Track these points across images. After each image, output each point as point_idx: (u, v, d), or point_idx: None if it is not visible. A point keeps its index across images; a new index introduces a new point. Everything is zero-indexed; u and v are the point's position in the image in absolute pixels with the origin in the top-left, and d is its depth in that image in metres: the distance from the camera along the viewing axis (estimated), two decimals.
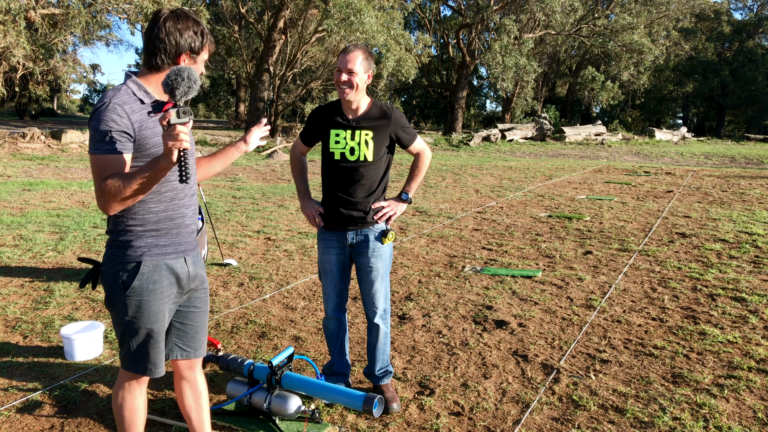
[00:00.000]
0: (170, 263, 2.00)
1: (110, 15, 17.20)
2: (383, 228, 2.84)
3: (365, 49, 2.70)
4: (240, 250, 6.06)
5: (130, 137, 1.83)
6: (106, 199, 1.81)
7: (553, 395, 3.06)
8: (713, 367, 3.41)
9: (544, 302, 4.55)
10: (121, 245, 1.96)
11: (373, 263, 2.82)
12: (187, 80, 1.70)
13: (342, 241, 2.83)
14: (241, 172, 13.52)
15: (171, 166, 1.73)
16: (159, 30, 1.90)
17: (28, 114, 34.11)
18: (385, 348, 2.97)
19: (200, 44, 1.97)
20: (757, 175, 15.00)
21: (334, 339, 3.00)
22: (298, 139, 2.98)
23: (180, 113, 1.69)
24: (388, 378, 3.01)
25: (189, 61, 1.96)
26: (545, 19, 28.67)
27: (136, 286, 1.95)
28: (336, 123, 2.75)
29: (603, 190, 11.32)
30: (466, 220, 7.99)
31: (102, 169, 1.81)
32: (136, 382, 2.10)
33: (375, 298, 2.87)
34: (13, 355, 3.43)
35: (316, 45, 23.24)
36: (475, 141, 24.59)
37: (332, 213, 2.81)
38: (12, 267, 5.23)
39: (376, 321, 2.91)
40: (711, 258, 5.95)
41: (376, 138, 2.74)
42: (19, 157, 14.58)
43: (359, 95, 2.70)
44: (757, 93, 39.54)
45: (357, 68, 2.64)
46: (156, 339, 2.02)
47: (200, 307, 2.19)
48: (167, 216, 1.99)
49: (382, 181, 2.83)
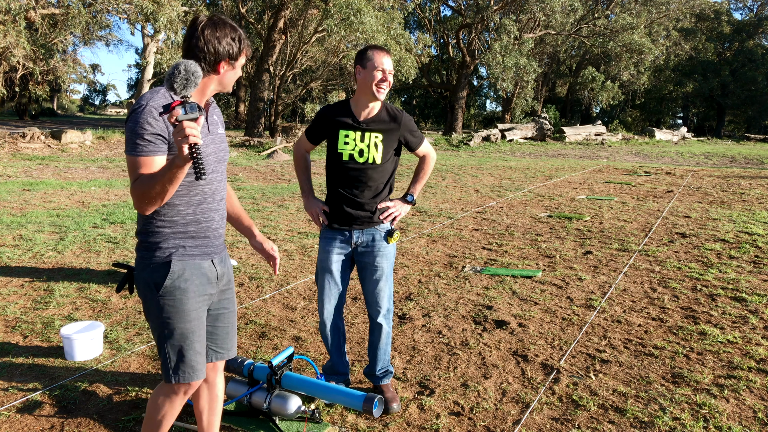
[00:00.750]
0: (200, 263, 2.02)
1: (110, 15, 17.21)
2: (388, 228, 2.85)
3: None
4: (240, 250, 6.07)
5: (164, 139, 1.85)
6: (136, 199, 1.84)
7: (553, 395, 3.06)
8: (713, 367, 3.41)
9: (544, 302, 4.55)
10: (149, 247, 1.97)
11: (379, 262, 2.83)
12: (184, 72, 1.68)
13: (346, 240, 2.82)
14: (241, 172, 13.52)
15: (185, 163, 1.72)
16: (198, 39, 1.92)
17: (28, 114, 34.10)
18: (387, 348, 2.97)
19: (238, 50, 1.98)
20: (757, 175, 15.00)
21: (331, 340, 2.99)
22: (303, 136, 2.95)
23: (187, 109, 1.68)
24: (389, 378, 3.02)
25: (228, 67, 1.97)
26: (545, 19, 28.68)
27: (168, 285, 1.95)
28: (346, 124, 2.74)
29: (603, 190, 11.32)
30: (466, 220, 7.99)
31: (134, 170, 1.84)
32: (180, 395, 2.05)
33: (379, 297, 2.87)
34: (13, 355, 3.43)
35: (316, 45, 23.25)
36: (475, 141, 24.59)
37: (338, 212, 2.80)
38: (12, 267, 5.23)
39: (379, 320, 2.90)
40: (711, 258, 5.95)
41: (385, 141, 2.74)
42: (19, 157, 14.58)
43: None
44: (757, 93, 39.54)
45: (393, 69, 2.69)
46: (192, 339, 2.00)
47: (229, 307, 2.20)
48: (195, 219, 2.00)
49: (388, 183, 2.84)
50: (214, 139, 2.04)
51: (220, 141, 2.10)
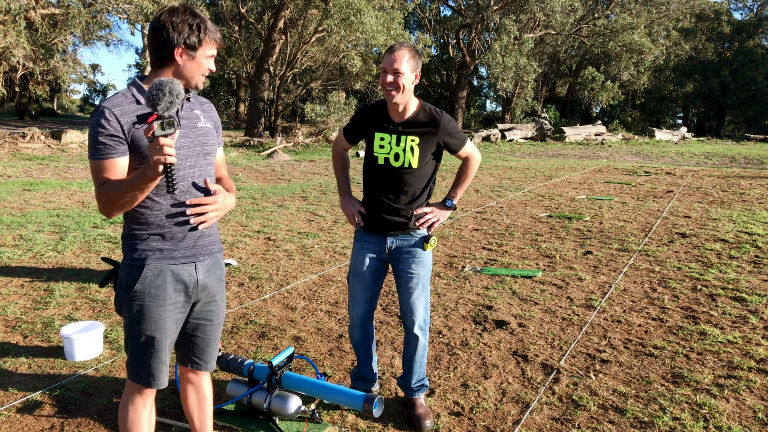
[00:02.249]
0: (176, 269, 1.95)
1: (110, 15, 17.21)
2: (425, 234, 2.73)
3: (411, 47, 2.54)
4: (240, 250, 6.07)
5: (120, 140, 1.80)
6: (102, 204, 1.82)
7: (553, 395, 3.06)
8: (713, 367, 3.41)
9: (544, 302, 4.55)
10: (128, 248, 1.94)
11: (414, 270, 2.70)
12: (169, 95, 1.64)
13: (381, 244, 2.72)
14: (241, 172, 13.52)
15: (157, 177, 1.71)
16: (153, 25, 1.85)
17: (28, 114, 34.10)
18: (422, 360, 2.83)
19: (197, 39, 1.85)
20: (757, 175, 15.00)
21: (360, 347, 2.89)
22: (341, 134, 2.84)
23: (164, 125, 1.64)
24: (424, 391, 2.87)
25: (186, 58, 1.86)
26: (545, 19, 28.67)
27: (138, 290, 1.91)
28: (381, 126, 2.62)
29: (603, 190, 11.32)
30: (466, 220, 7.99)
31: (97, 174, 1.81)
32: (138, 395, 2.02)
33: (415, 307, 2.73)
34: (13, 355, 3.43)
35: (316, 45, 23.24)
36: (475, 141, 24.60)
37: (373, 216, 2.70)
38: (12, 267, 5.23)
39: (415, 331, 2.76)
40: (711, 258, 5.95)
41: (422, 144, 2.60)
42: (19, 157, 14.58)
43: (406, 97, 2.56)
44: (757, 93, 39.52)
45: (403, 68, 2.48)
46: (157, 348, 1.95)
47: (212, 320, 2.12)
48: (171, 218, 1.93)
49: (426, 187, 2.71)
50: (190, 132, 1.95)
51: (200, 134, 1.99)
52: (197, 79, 1.93)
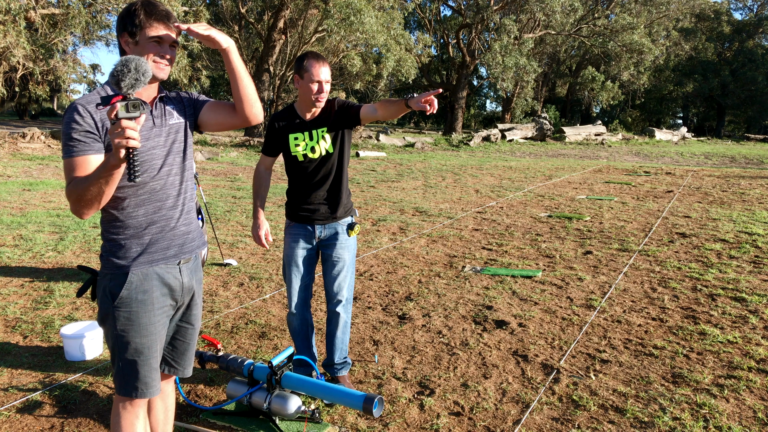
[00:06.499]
0: (161, 272, 1.90)
1: (110, 15, 17.19)
2: (350, 221, 2.99)
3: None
4: (240, 250, 6.06)
5: (95, 137, 1.73)
6: (72, 202, 1.72)
7: (553, 395, 3.06)
8: (713, 367, 3.41)
9: (544, 302, 4.55)
10: (108, 253, 1.87)
11: (341, 254, 2.95)
12: (135, 71, 1.55)
13: (310, 234, 2.93)
14: (241, 172, 13.52)
15: (121, 164, 1.58)
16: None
17: (28, 114, 34.10)
18: (344, 337, 3.07)
19: (138, 22, 1.77)
20: (757, 175, 15.00)
21: (299, 334, 3.07)
22: (262, 155, 2.98)
23: (129, 107, 1.53)
24: (347, 369, 3.12)
25: (131, 44, 1.80)
26: (545, 19, 28.67)
27: (125, 296, 1.84)
28: (294, 127, 2.85)
29: (603, 190, 11.32)
30: (466, 220, 7.99)
31: (69, 173, 1.72)
32: (130, 406, 1.94)
33: (340, 287, 2.98)
34: (13, 355, 3.43)
35: (316, 45, 23.24)
36: (475, 141, 24.59)
37: (301, 209, 2.92)
38: (12, 267, 5.23)
39: (337, 309, 3.00)
40: (711, 258, 5.95)
41: (330, 131, 2.85)
42: (19, 157, 14.58)
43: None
44: (757, 93, 39.53)
45: (330, 77, 2.78)
46: (147, 355, 1.89)
47: (194, 324, 2.09)
48: (150, 221, 1.88)
49: (344, 172, 2.93)
50: (161, 131, 1.89)
51: (173, 132, 1.93)
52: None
